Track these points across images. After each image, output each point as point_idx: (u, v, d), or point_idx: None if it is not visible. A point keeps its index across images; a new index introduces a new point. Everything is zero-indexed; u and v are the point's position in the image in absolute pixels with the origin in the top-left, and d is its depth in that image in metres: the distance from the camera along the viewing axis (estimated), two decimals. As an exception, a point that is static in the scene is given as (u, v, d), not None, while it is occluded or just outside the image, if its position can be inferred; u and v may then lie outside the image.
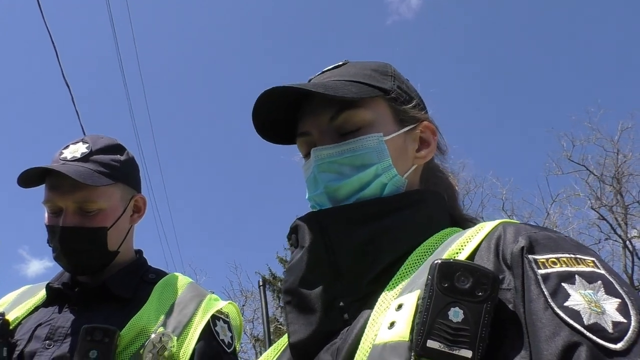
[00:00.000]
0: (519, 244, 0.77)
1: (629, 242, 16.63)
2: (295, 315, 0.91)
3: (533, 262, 0.74)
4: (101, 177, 1.51)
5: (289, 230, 0.99)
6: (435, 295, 0.73)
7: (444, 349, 0.69)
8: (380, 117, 1.02)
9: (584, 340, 0.64)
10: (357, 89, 0.99)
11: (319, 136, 1.02)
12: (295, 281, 0.93)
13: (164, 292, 1.54)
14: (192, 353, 1.40)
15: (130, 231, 1.66)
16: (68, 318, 1.48)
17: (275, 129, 1.09)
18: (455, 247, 0.84)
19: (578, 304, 0.68)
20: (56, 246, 1.50)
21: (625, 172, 17.34)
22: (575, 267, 0.73)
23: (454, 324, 0.70)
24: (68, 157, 1.53)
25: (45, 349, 1.41)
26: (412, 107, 1.07)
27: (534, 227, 0.84)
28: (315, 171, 1.00)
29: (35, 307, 1.55)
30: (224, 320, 1.54)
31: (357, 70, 1.06)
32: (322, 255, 0.92)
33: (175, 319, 1.45)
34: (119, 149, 1.63)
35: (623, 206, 17.05)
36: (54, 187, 1.50)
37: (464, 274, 0.73)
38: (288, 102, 1.04)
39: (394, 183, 1.00)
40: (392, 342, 0.74)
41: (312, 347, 0.88)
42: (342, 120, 1.00)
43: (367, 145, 0.98)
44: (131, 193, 1.64)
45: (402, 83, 1.09)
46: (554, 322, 0.67)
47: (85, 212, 1.51)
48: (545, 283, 0.71)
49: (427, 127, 1.09)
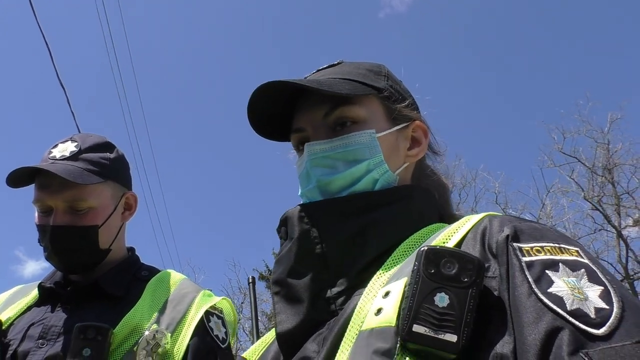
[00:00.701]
0: (504, 233, 0.79)
1: (623, 231, 16.72)
2: (283, 306, 0.93)
3: (518, 250, 0.75)
4: (91, 176, 1.50)
5: (279, 223, 1.00)
6: (422, 280, 0.74)
7: (430, 333, 0.70)
8: (373, 115, 1.03)
9: (567, 325, 0.65)
10: (351, 87, 1.01)
11: (312, 132, 1.03)
12: (284, 272, 0.94)
13: (157, 289, 1.53)
14: (186, 349, 1.40)
15: (122, 229, 1.66)
16: (61, 317, 1.47)
17: (271, 125, 1.10)
18: (442, 238, 0.85)
19: (561, 290, 0.69)
20: (47, 245, 1.49)
21: (616, 163, 17.42)
22: (559, 256, 0.74)
23: (439, 308, 0.72)
24: (57, 156, 1.52)
25: (38, 348, 1.40)
26: (404, 106, 1.08)
27: (518, 218, 0.85)
28: (307, 166, 1.01)
29: (27, 307, 1.54)
30: (218, 315, 1.54)
31: (351, 69, 1.08)
32: (311, 246, 0.93)
33: (169, 316, 1.45)
34: (108, 147, 1.62)
35: (615, 196, 17.14)
36: (44, 186, 1.49)
37: (450, 260, 0.75)
38: (283, 99, 1.05)
39: (385, 179, 1.01)
40: (378, 328, 0.75)
41: (299, 336, 0.89)
42: (335, 116, 1.01)
43: (360, 141, 1.00)
44: (122, 191, 1.63)
45: (395, 83, 1.11)
46: (538, 308, 0.68)
47: (76, 211, 1.50)
48: (530, 270, 0.72)
49: (419, 127, 1.10)
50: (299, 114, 1.05)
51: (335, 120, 1.01)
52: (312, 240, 0.94)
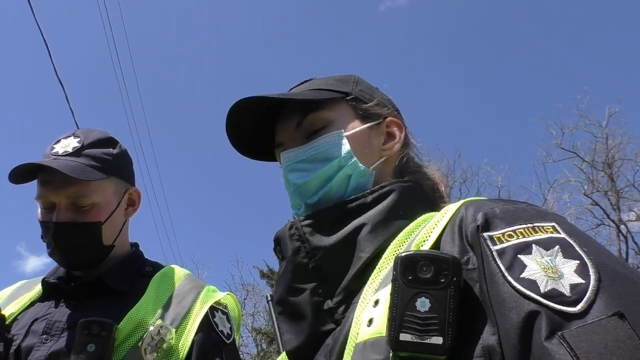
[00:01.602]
0: (475, 223, 0.79)
1: (623, 225, 16.73)
2: (287, 325, 0.95)
3: (488, 239, 0.75)
4: (93, 172, 1.49)
5: (274, 243, 1.03)
6: (401, 288, 0.75)
7: (416, 339, 0.71)
8: (341, 116, 1.07)
9: (542, 309, 0.65)
10: (317, 94, 1.06)
11: (289, 143, 1.07)
12: (284, 291, 0.97)
13: (161, 285, 1.53)
14: (191, 345, 1.40)
15: (125, 225, 1.65)
16: (64, 312, 1.46)
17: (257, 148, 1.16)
18: (422, 236, 0.85)
19: (534, 273, 0.69)
20: (50, 242, 1.48)
21: (616, 157, 17.41)
22: (531, 237, 0.74)
23: (421, 313, 0.72)
24: (59, 151, 1.51)
25: (42, 343, 1.40)
26: (373, 104, 1.11)
27: (495, 201, 0.85)
28: (285, 173, 1.06)
29: (31, 302, 1.54)
30: (223, 311, 1.53)
31: (320, 82, 1.13)
32: (305, 261, 0.96)
33: (174, 311, 1.45)
34: (111, 142, 1.61)
35: (615, 191, 17.13)
36: (46, 182, 1.48)
37: (425, 263, 0.75)
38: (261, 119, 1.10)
39: (359, 174, 1.03)
40: (371, 339, 0.76)
41: (308, 351, 0.92)
42: (306, 124, 1.06)
43: (329, 141, 1.04)
44: (125, 186, 1.62)
45: (363, 86, 1.14)
46: (513, 295, 0.68)
47: (79, 207, 1.49)
48: (501, 258, 0.72)
49: (393, 122, 1.13)
50: (277, 130, 1.11)
51: (307, 128, 1.06)
52: (305, 255, 0.96)
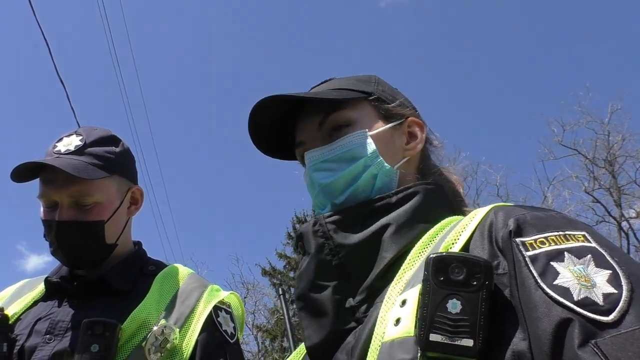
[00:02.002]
0: (507, 228, 0.79)
1: (625, 222, 16.72)
2: (309, 321, 0.95)
3: (521, 245, 0.76)
4: (96, 170, 1.48)
5: (295, 239, 1.04)
6: (432, 289, 0.75)
7: (446, 340, 0.72)
8: (365, 116, 1.08)
9: (575, 316, 0.66)
10: (339, 93, 1.07)
11: (311, 142, 1.08)
12: (306, 287, 0.97)
13: (164, 284, 1.52)
14: (195, 344, 1.39)
15: (128, 223, 1.64)
16: (68, 312, 1.46)
17: (276, 146, 1.16)
18: (451, 238, 0.86)
19: (567, 280, 0.70)
20: (53, 241, 1.48)
21: (617, 154, 17.40)
22: (563, 244, 0.74)
23: (453, 315, 0.73)
24: (62, 150, 1.50)
25: (46, 343, 1.39)
26: (395, 105, 1.12)
27: (524, 207, 0.85)
28: (309, 173, 1.06)
29: (34, 301, 1.53)
30: (226, 310, 1.52)
31: (341, 81, 1.14)
32: (328, 258, 0.96)
33: (177, 311, 1.44)
34: (114, 141, 1.60)
35: (616, 188, 17.12)
36: (49, 181, 1.47)
37: (458, 265, 0.76)
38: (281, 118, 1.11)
39: (384, 173, 1.04)
40: (399, 339, 0.77)
41: (328, 348, 0.92)
42: (329, 123, 1.06)
43: (354, 141, 1.04)
44: (128, 185, 1.61)
45: (385, 87, 1.15)
46: (545, 302, 0.69)
47: (81, 206, 1.48)
48: (534, 264, 0.73)
49: (414, 122, 1.14)
50: (298, 130, 1.11)
51: (330, 127, 1.06)
52: (328, 252, 0.97)
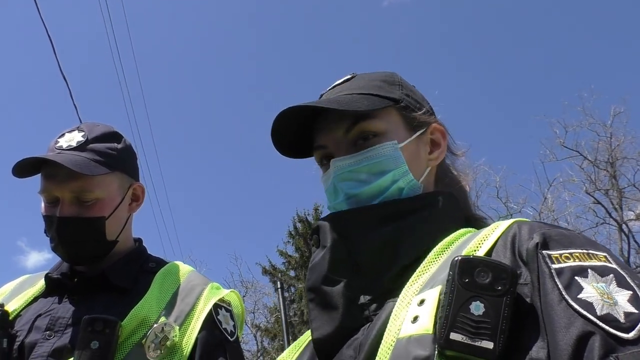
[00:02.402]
0: (534, 241, 0.80)
1: (624, 225, 16.71)
2: (318, 312, 0.95)
3: (547, 257, 0.77)
4: (98, 166, 1.48)
5: (311, 231, 1.03)
6: (457, 290, 0.76)
7: (467, 340, 0.72)
8: (393, 126, 1.06)
9: (597, 330, 0.67)
10: (369, 102, 1.04)
11: (335, 148, 1.06)
12: (318, 279, 0.96)
13: (165, 281, 1.52)
14: (195, 342, 1.39)
15: (129, 220, 1.64)
16: (68, 308, 1.46)
17: (291, 144, 1.13)
18: (473, 245, 0.86)
19: (591, 295, 0.71)
20: (54, 236, 1.48)
21: (618, 156, 17.39)
22: (587, 262, 0.76)
23: (475, 317, 0.74)
24: (64, 146, 1.50)
25: (45, 339, 1.39)
26: (422, 113, 1.11)
27: (547, 225, 0.86)
28: (335, 181, 1.04)
29: (34, 298, 1.53)
30: (226, 308, 1.52)
31: (365, 82, 1.11)
32: (344, 254, 0.96)
33: (177, 308, 1.44)
34: (116, 137, 1.60)
35: (618, 190, 17.12)
36: (50, 176, 1.47)
37: (484, 269, 0.77)
38: (302, 120, 1.08)
39: (410, 187, 1.04)
40: (416, 335, 0.77)
41: (334, 343, 0.91)
42: (356, 132, 1.04)
43: (383, 153, 1.02)
44: (129, 181, 1.61)
45: (409, 91, 1.13)
46: (568, 314, 0.70)
47: (83, 202, 1.48)
48: (560, 277, 0.74)
49: (437, 129, 1.13)
50: (320, 132, 1.08)
51: (357, 135, 1.04)
52: (345, 248, 0.96)
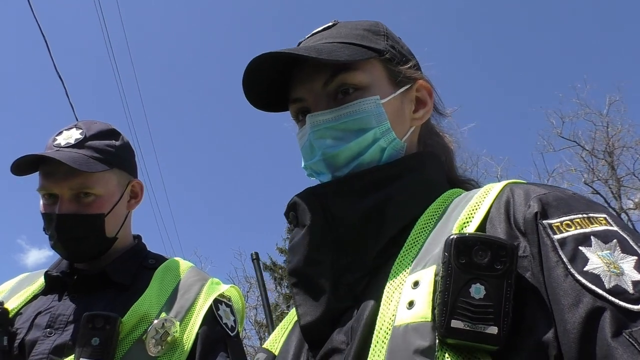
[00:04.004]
0: (532, 209, 0.75)
1: (624, 214, 16.73)
2: (303, 297, 0.89)
3: (548, 228, 0.72)
4: (96, 163, 1.48)
5: (287, 208, 0.96)
6: (454, 272, 0.70)
7: (469, 327, 0.67)
8: (376, 80, 0.97)
9: (607, 305, 0.63)
10: (351, 51, 0.95)
11: (313, 102, 0.97)
12: (300, 261, 0.90)
13: (164, 278, 1.52)
14: (196, 337, 1.39)
15: (128, 217, 1.64)
16: (68, 306, 1.46)
17: (266, 96, 1.04)
18: (464, 217, 0.81)
19: (597, 267, 0.67)
20: (53, 234, 1.48)
21: (616, 145, 17.40)
22: (589, 228, 0.72)
23: (476, 300, 0.68)
24: (62, 143, 1.50)
25: (46, 337, 1.39)
26: (408, 67, 1.02)
27: (542, 187, 0.81)
28: (311, 138, 0.96)
29: (33, 295, 1.53)
30: (227, 304, 1.53)
31: (348, 30, 1.01)
32: (325, 232, 0.89)
33: (178, 304, 1.44)
34: (114, 134, 1.60)
35: (616, 179, 17.13)
36: (49, 174, 1.47)
37: (481, 247, 0.71)
38: (278, 68, 0.99)
39: (393, 147, 0.96)
40: (413, 323, 0.71)
41: (323, 327, 0.86)
42: (336, 84, 0.96)
43: (365, 109, 0.94)
44: (128, 178, 1.61)
45: (395, 42, 1.05)
46: (576, 289, 0.66)
47: (81, 199, 1.48)
48: (563, 249, 0.70)
49: (423, 87, 1.05)
50: (297, 84, 0.99)
51: (337, 88, 0.96)
52: (326, 225, 0.89)
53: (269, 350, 1.00)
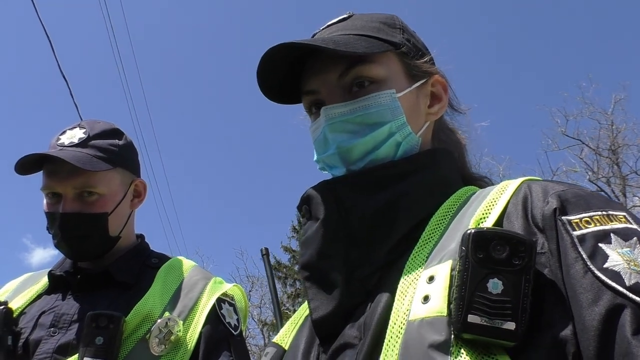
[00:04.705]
0: (551, 205, 0.74)
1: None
2: (316, 291, 0.88)
3: (567, 224, 0.71)
4: (100, 162, 1.48)
5: (300, 201, 0.95)
6: (472, 267, 0.69)
7: (486, 322, 0.66)
8: (392, 73, 0.96)
9: (628, 302, 0.62)
10: (367, 44, 0.94)
11: (327, 94, 0.96)
12: (313, 255, 0.89)
13: (168, 276, 1.52)
14: (199, 336, 1.40)
15: (131, 216, 1.64)
16: (72, 305, 1.46)
17: (278, 87, 1.03)
18: (481, 212, 0.80)
19: (617, 264, 0.66)
20: (56, 233, 1.48)
21: (620, 144, 17.36)
22: (609, 225, 0.71)
23: (493, 296, 0.67)
24: (65, 142, 1.50)
25: (50, 336, 1.40)
26: (424, 61, 1.02)
27: (560, 184, 0.80)
28: (325, 131, 0.95)
29: (37, 295, 1.54)
30: (230, 302, 1.53)
31: (364, 23, 1.00)
32: (339, 226, 0.88)
33: (181, 303, 1.45)
34: (117, 134, 1.60)
35: (620, 177, 17.09)
36: (52, 173, 1.47)
37: (500, 242, 0.69)
38: (292, 60, 0.98)
39: (408, 142, 0.96)
40: (428, 318, 0.70)
41: (336, 322, 0.84)
42: (352, 76, 0.94)
43: (380, 102, 0.93)
44: (131, 178, 1.62)
45: (411, 36, 1.04)
46: (595, 286, 0.65)
47: (85, 198, 1.49)
48: (582, 245, 0.69)
49: (438, 82, 1.04)
50: (311, 75, 0.98)
51: (352, 80, 0.94)
52: (340, 219, 0.88)
53: (279, 344, 0.99)
